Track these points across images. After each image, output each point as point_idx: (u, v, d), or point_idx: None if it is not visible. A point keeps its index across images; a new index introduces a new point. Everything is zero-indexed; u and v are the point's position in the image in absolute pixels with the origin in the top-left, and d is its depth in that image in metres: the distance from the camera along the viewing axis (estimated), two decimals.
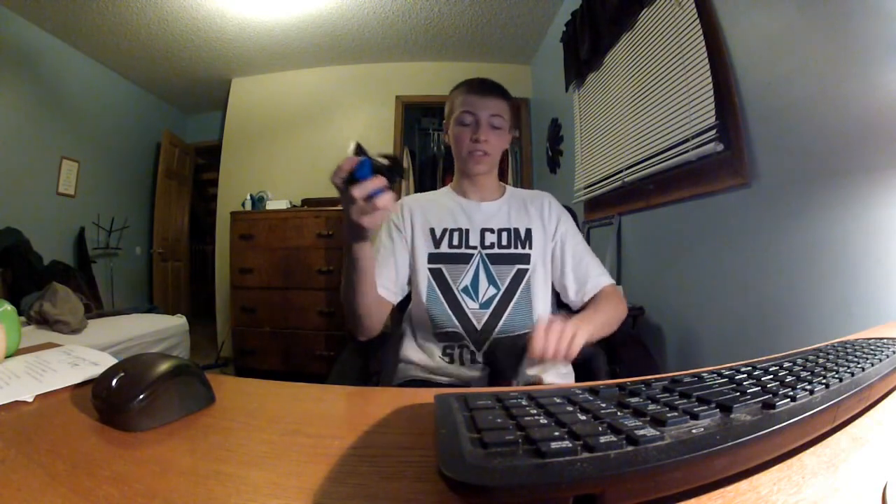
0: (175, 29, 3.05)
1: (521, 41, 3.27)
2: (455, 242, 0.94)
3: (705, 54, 1.43)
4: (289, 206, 3.34)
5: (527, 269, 0.92)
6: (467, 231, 0.95)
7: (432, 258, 0.93)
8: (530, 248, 0.94)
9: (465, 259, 0.92)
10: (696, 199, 1.58)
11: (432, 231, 0.95)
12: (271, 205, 3.39)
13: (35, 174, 3.00)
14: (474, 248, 0.93)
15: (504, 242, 0.94)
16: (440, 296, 0.91)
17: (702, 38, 1.44)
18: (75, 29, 3.01)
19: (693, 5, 1.48)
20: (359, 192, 0.58)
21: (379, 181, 0.59)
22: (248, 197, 3.45)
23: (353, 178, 0.58)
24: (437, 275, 0.92)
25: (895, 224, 0.91)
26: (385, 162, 0.60)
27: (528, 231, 0.95)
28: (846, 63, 0.99)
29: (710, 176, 1.49)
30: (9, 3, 2.68)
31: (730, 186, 1.39)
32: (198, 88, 4.01)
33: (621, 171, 2.02)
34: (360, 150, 0.59)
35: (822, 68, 1.06)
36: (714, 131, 1.40)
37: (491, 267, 0.92)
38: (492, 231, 0.94)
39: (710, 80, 1.41)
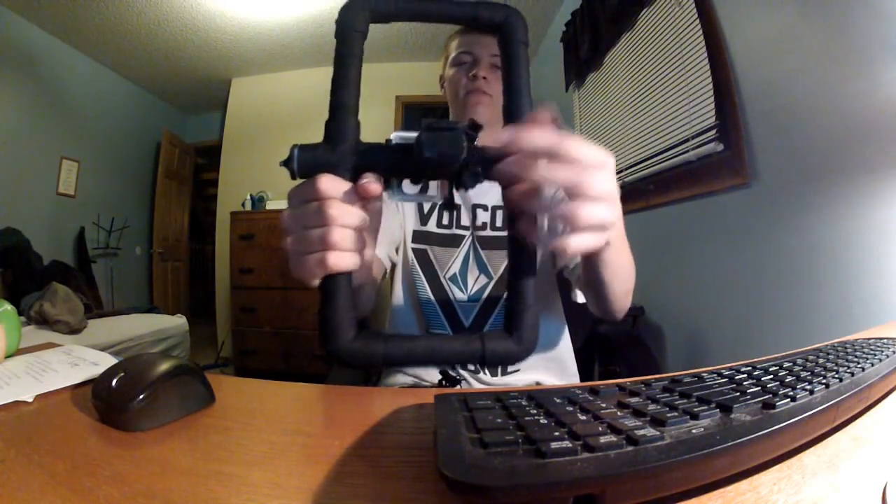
0: (175, 29, 3.05)
1: None
2: (445, 221, 0.80)
3: (705, 54, 1.43)
4: None
5: None
6: (459, 207, 0.81)
7: (417, 237, 0.80)
8: None
9: (456, 242, 0.79)
10: (696, 199, 1.58)
11: (420, 204, 0.81)
12: (271, 205, 3.39)
13: (35, 174, 3.00)
14: (466, 228, 0.80)
15: (498, 223, 0.79)
16: (425, 283, 0.78)
17: (702, 38, 1.44)
18: (75, 29, 3.01)
19: (693, 5, 1.48)
20: None
21: None
22: (248, 197, 3.46)
23: None
24: (421, 257, 0.79)
25: (895, 224, 0.91)
26: None
27: None
28: (846, 63, 0.99)
29: (710, 176, 1.48)
30: (9, 3, 2.68)
31: (730, 186, 1.39)
32: (198, 88, 4.01)
33: (621, 172, 2.02)
34: None
35: (822, 68, 1.06)
36: (714, 131, 1.40)
37: (482, 252, 0.78)
38: (484, 208, 0.80)
39: (710, 80, 1.41)
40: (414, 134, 0.29)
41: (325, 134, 0.30)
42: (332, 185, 0.30)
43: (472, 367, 0.75)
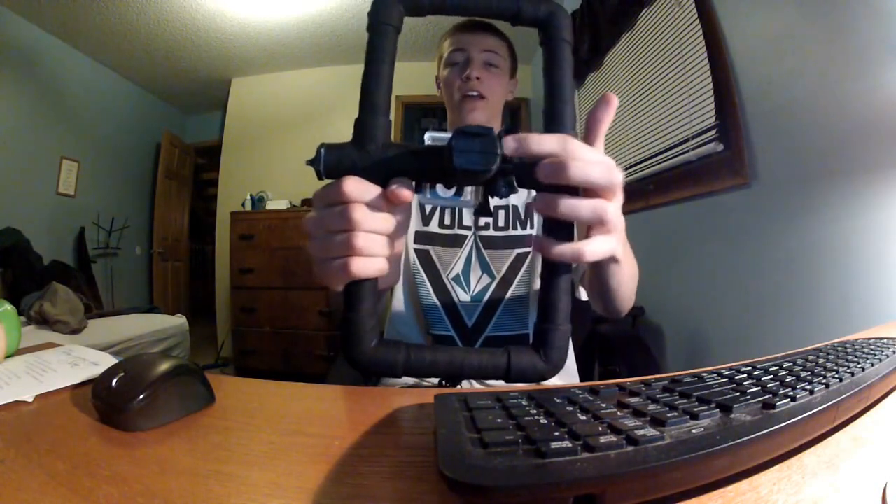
0: (175, 29, 3.05)
1: (521, 41, 3.27)
2: (447, 221, 0.80)
3: (705, 54, 1.43)
4: (289, 206, 3.34)
5: (527, 254, 0.78)
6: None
7: (420, 237, 0.79)
8: (531, 227, 0.79)
9: (458, 242, 0.79)
10: (696, 199, 1.58)
11: (421, 204, 0.80)
12: (271, 205, 3.39)
13: (35, 174, 3.00)
14: (468, 228, 0.79)
15: (501, 223, 0.79)
16: (427, 284, 0.78)
17: (702, 38, 1.44)
18: (75, 29, 3.01)
19: (693, 5, 1.49)
20: None
21: None
22: (248, 197, 3.46)
23: None
24: (424, 257, 0.78)
25: (895, 224, 0.91)
26: None
27: (529, 206, 0.79)
28: (846, 63, 0.99)
29: (710, 176, 1.49)
30: (9, 3, 2.68)
31: (730, 186, 1.39)
32: (198, 88, 4.01)
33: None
34: None
35: (823, 68, 1.06)
36: (714, 131, 1.41)
37: (484, 252, 0.78)
38: None
39: (710, 80, 1.41)
40: (449, 135, 0.28)
41: (353, 133, 0.29)
42: (357, 187, 0.29)
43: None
